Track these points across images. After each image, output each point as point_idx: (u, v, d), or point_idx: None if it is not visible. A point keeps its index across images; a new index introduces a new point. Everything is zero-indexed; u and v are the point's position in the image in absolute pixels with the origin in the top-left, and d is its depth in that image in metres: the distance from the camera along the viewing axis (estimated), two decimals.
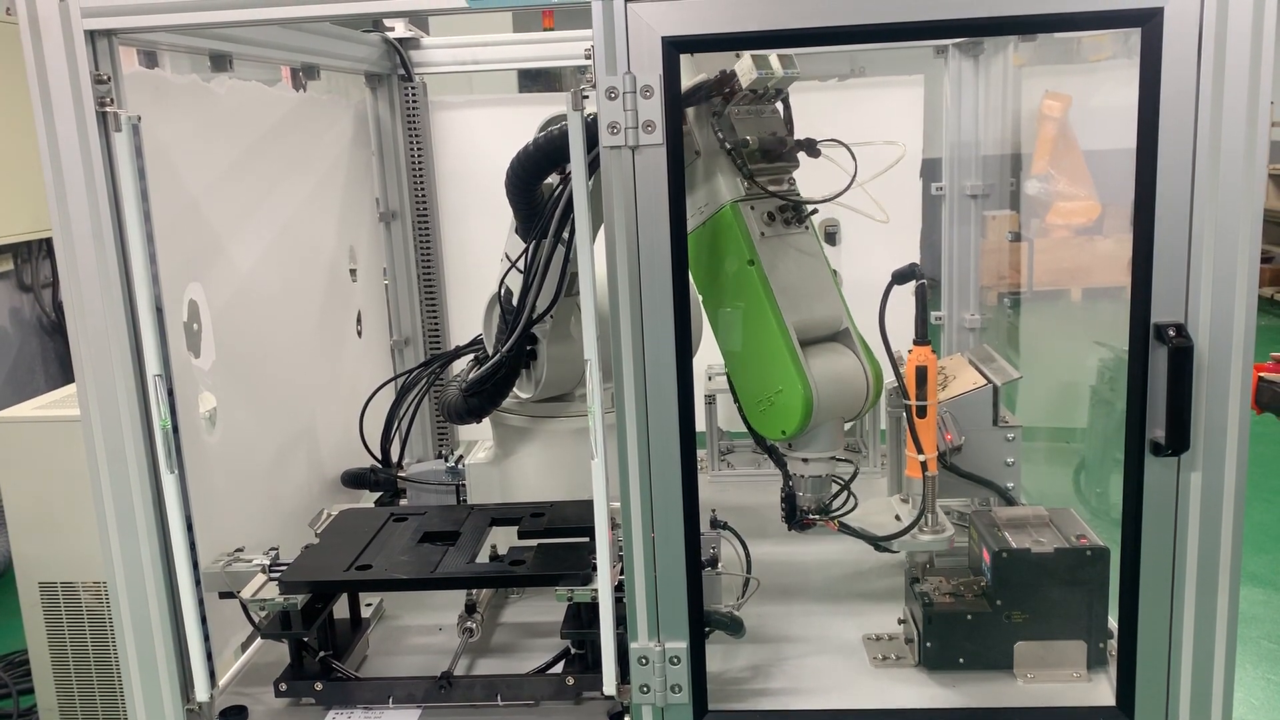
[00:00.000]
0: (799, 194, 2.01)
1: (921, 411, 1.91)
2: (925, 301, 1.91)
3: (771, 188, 1.94)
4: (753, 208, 1.94)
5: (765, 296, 1.89)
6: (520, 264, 2.23)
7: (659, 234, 1.62)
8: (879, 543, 2.02)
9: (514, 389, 2.44)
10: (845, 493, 2.06)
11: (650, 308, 1.65)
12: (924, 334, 1.91)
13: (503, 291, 2.34)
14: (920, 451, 1.92)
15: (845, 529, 2.01)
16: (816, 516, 2.00)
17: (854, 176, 1.91)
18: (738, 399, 2.02)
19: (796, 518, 2.01)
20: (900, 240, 2.98)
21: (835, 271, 2.09)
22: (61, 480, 3.06)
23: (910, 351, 1.92)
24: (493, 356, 2.33)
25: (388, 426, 2.75)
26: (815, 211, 2.01)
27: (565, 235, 2.14)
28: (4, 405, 3.45)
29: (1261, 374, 3.16)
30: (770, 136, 1.96)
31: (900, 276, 1.89)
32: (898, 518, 2.03)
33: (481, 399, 2.36)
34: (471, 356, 2.63)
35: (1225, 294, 1.58)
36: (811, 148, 1.99)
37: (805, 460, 1.98)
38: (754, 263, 1.90)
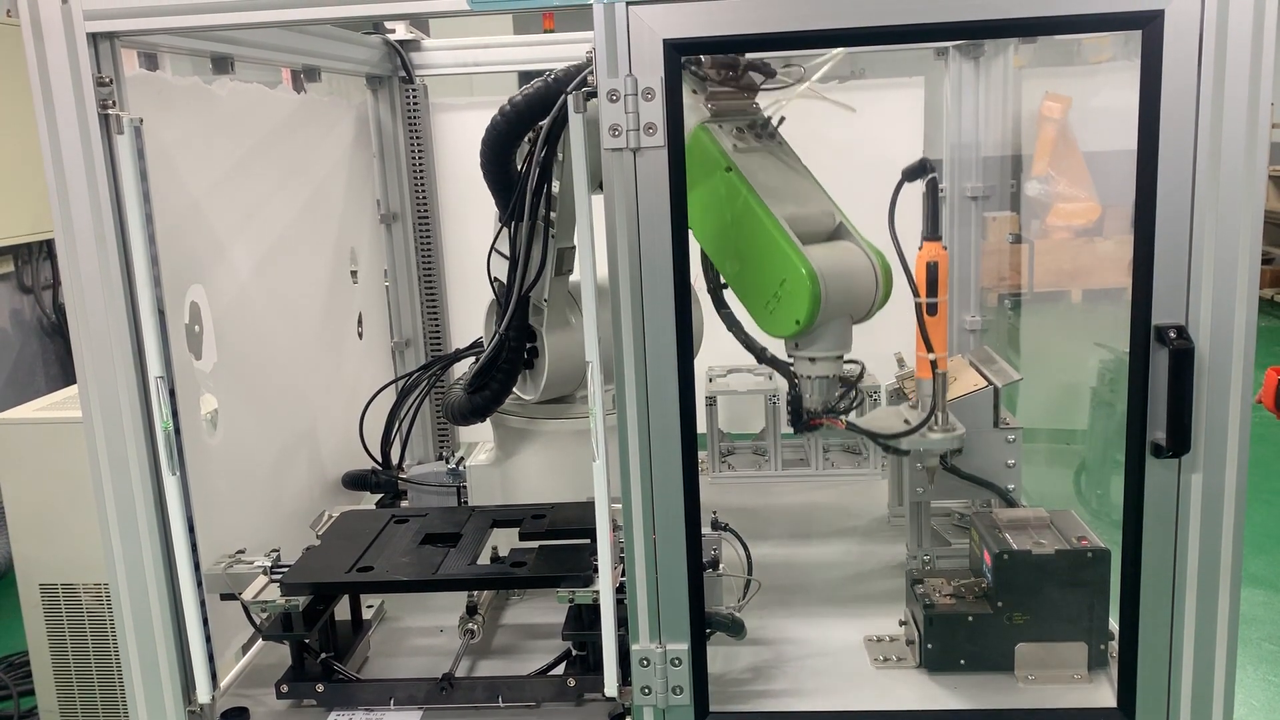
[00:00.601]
0: (765, 118, 2.04)
1: (932, 309, 1.86)
2: (936, 196, 1.87)
3: (736, 113, 1.97)
4: (720, 127, 1.96)
5: (750, 195, 1.89)
6: (502, 245, 2.24)
7: (660, 235, 1.62)
8: (887, 442, 2.00)
9: (516, 390, 2.44)
10: (853, 393, 2.02)
11: (652, 309, 1.65)
12: (934, 229, 1.87)
13: (493, 281, 2.35)
14: (930, 350, 1.88)
15: (853, 428, 1.97)
16: (823, 416, 1.97)
17: (805, 82, 1.97)
18: (733, 330, 2.05)
19: (803, 419, 1.97)
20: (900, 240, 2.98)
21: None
22: (62, 482, 3.06)
23: (920, 248, 1.88)
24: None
25: (388, 428, 2.75)
26: (784, 121, 2.05)
27: (543, 210, 2.17)
28: (4, 407, 3.45)
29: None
30: (723, 56, 1.98)
31: (910, 173, 1.85)
32: (906, 422, 2.00)
33: (485, 396, 2.35)
34: (472, 360, 2.63)
35: (1226, 296, 1.58)
36: (766, 68, 2.01)
37: (812, 360, 1.95)
38: (732, 169, 1.91)
